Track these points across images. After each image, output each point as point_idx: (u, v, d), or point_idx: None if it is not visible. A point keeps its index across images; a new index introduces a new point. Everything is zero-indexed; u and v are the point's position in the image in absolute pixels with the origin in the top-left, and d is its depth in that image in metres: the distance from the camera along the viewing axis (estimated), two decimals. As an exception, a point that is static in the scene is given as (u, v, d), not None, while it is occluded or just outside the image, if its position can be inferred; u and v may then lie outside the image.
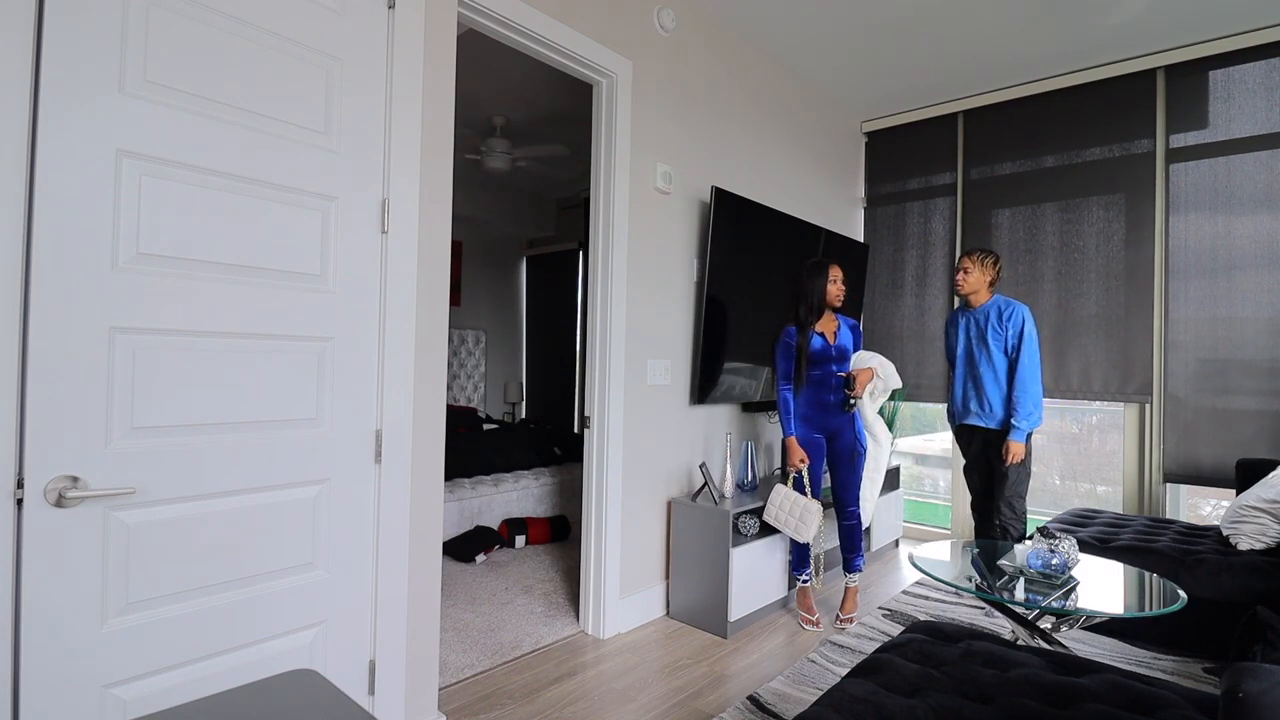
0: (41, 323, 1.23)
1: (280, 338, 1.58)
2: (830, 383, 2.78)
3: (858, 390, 2.75)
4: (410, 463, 1.86)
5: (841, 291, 2.79)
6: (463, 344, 6.02)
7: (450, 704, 2.14)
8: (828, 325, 2.82)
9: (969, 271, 2.96)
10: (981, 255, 2.97)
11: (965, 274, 2.97)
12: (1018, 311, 2.88)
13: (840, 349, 2.80)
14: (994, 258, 2.97)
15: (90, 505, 1.29)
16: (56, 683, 1.25)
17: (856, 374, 2.77)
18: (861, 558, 2.89)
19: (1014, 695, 1.37)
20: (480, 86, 3.89)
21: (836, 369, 2.78)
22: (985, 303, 2.97)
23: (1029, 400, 2.81)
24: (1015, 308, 2.89)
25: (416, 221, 1.87)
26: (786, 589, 3.04)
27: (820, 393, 2.79)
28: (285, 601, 1.58)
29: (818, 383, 2.79)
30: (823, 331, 2.79)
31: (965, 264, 2.98)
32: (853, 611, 2.81)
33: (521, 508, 4.23)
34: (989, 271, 2.96)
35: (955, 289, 3.06)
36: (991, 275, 2.96)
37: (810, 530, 2.66)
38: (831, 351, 2.78)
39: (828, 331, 2.81)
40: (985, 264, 2.95)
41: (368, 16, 1.75)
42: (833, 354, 2.78)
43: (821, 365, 2.77)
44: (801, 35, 3.39)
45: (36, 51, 1.22)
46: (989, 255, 2.97)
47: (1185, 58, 3.37)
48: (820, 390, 2.79)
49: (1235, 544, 2.59)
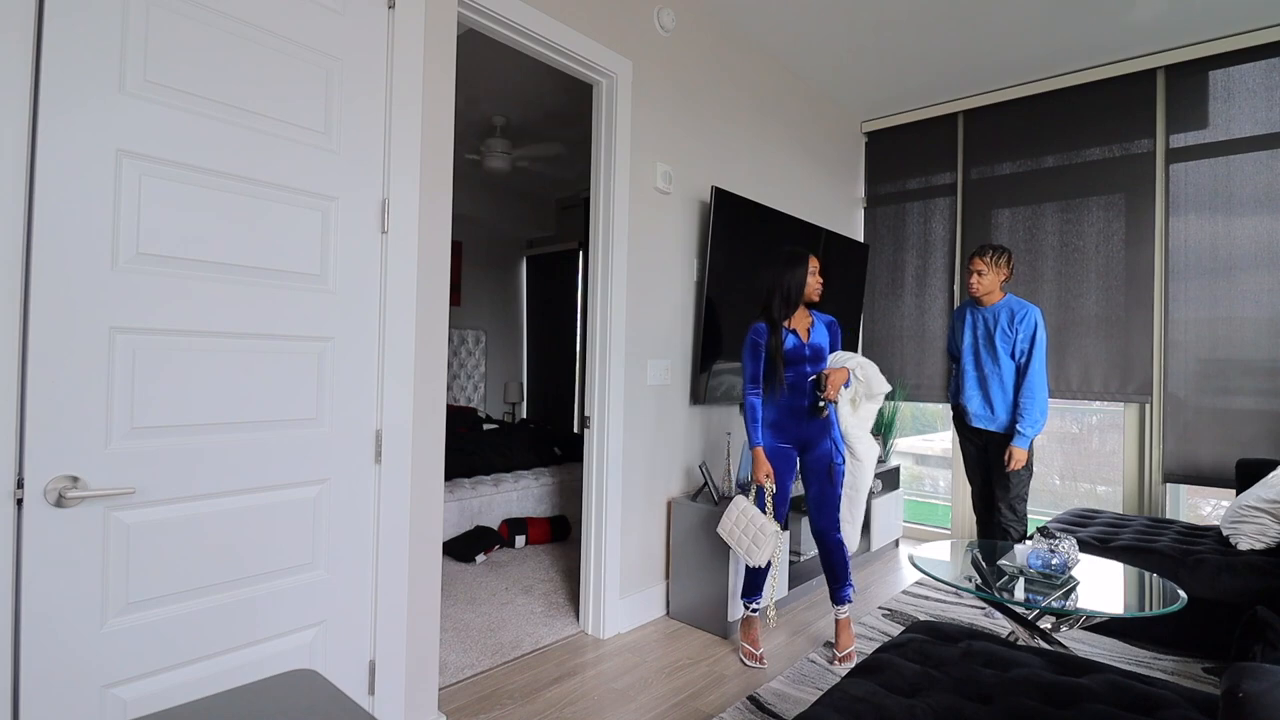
0: (42, 323, 1.23)
1: (280, 338, 1.58)
2: (804, 386, 2.50)
3: (829, 393, 2.47)
4: (410, 463, 1.86)
5: (820, 285, 2.54)
6: (463, 344, 6.02)
7: (450, 704, 2.14)
8: (801, 322, 2.53)
9: (983, 274, 2.83)
10: (995, 255, 2.84)
11: (979, 277, 2.84)
12: (1030, 315, 2.77)
13: (815, 348, 2.52)
14: (1007, 255, 2.85)
15: (90, 505, 1.29)
16: (56, 683, 1.25)
17: (828, 374, 2.49)
18: (850, 587, 2.53)
19: (1014, 695, 1.37)
20: (480, 86, 3.89)
21: (811, 370, 2.50)
22: (997, 302, 2.86)
23: (1036, 407, 2.74)
24: (1028, 311, 2.78)
25: (416, 221, 1.87)
26: (787, 589, 3.04)
27: (793, 398, 2.49)
28: (285, 601, 1.58)
29: (791, 386, 2.49)
30: (796, 329, 2.51)
31: (978, 265, 2.84)
32: (849, 646, 2.49)
33: (521, 508, 4.23)
34: (1003, 270, 2.84)
35: (968, 291, 2.92)
36: (1005, 274, 2.85)
37: (763, 554, 2.36)
38: (805, 351, 2.49)
39: (801, 329, 2.52)
40: (999, 264, 2.83)
41: (368, 16, 1.75)
42: (806, 354, 2.49)
43: (794, 367, 2.48)
44: (801, 35, 3.39)
45: (36, 51, 1.22)
46: (1002, 254, 2.84)
47: (1185, 58, 3.37)
48: (793, 395, 2.49)
49: (1235, 544, 2.59)
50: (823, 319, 2.62)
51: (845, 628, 2.53)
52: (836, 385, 2.49)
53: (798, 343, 2.49)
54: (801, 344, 2.50)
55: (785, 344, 2.46)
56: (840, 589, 2.53)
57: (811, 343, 2.52)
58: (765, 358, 2.46)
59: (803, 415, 2.51)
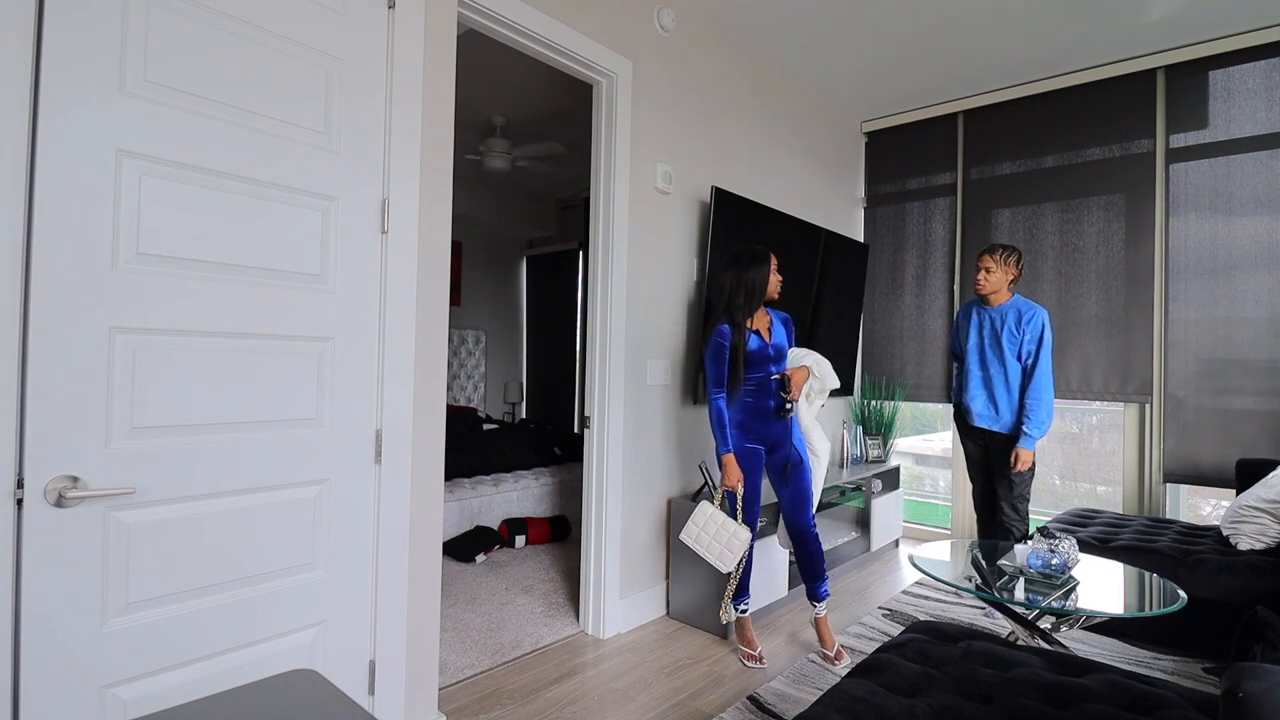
0: (42, 323, 1.23)
1: (280, 338, 1.58)
2: (769, 386, 2.48)
3: (794, 393, 2.48)
4: (410, 463, 1.86)
5: (780, 283, 2.52)
6: (463, 344, 6.02)
7: (450, 704, 2.14)
8: (761, 321, 2.51)
9: (991, 271, 2.82)
10: (1004, 253, 2.81)
11: (987, 274, 2.82)
12: (1038, 316, 2.76)
13: (777, 347, 2.50)
14: (1016, 255, 2.83)
15: (90, 505, 1.29)
16: (56, 683, 1.25)
17: (791, 374, 2.50)
18: (826, 581, 2.55)
19: (1014, 695, 1.37)
20: (480, 86, 3.89)
21: (775, 370, 2.49)
22: (1004, 302, 2.85)
23: (1042, 409, 2.73)
24: (1036, 312, 2.77)
25: (416, 221, 1.87)
26: (787, 589, 3.04)
27: (759, 398, 2.48)
28: (285, 601, 1.58)
29: (756, 387, 2.47)
30: (758, 329, 2.48)
31: (987, 263, 2.82)
32: (835, 644, 2.50)
33: (521, 508, 4.23)
34: (1011, 270, 2.82)
35: (974, 288, 2.90)
36: (1014, 273, 2.83)
37: (735, 560, 2.37)
38: (769, 351, 2.47)
39: (762, 328, 2.50)
40: (1008, 262, 2.82)
41: (368, 16, 1.75)
42: (770, 353, 2.47)
43: (760, 367, 2.46)
44: (801, 35, 3.39)
45: (37, 51, 1.22)
46: (1012, 253, 2.82)
47: (1185, 58, 3.37)
48: (759, 395, 2.48)
49: (1235, 544, 2.59)
50: (779, 316, 2.60)
51: (827, 626, 2.54)
52: (799, 385, 2.51)
53: (761, 343, 2.46)
54: (765, 344, 2.47)
55: (749, 345, 2.43)
56: (819, 585, 2.54)
57: (774, 342, 2.51)
58: (729, 360, 2.42)
59: (769, 415, 2.49)
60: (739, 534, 2.38)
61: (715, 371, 2.43)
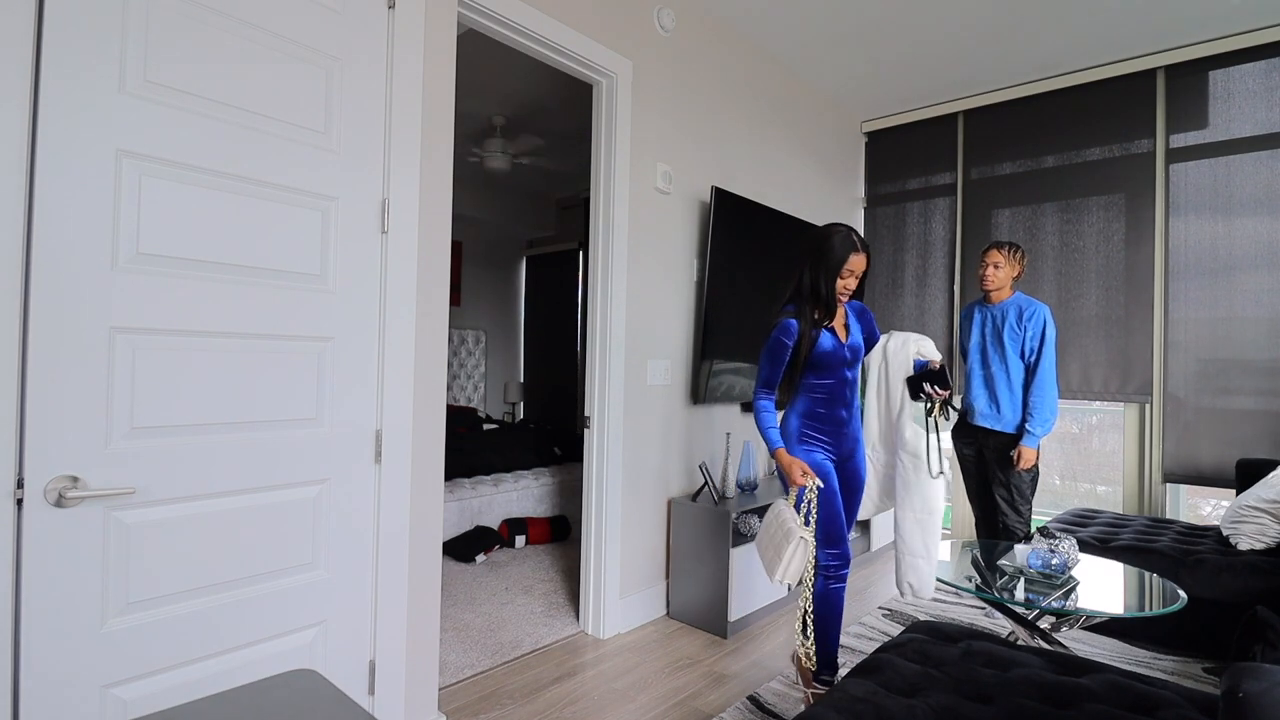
0: (42, 323, 1.23)
1: (280, 338, 1.58)
2: (844, 394, 2.12)
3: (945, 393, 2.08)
4: (410, 463, 1.86)
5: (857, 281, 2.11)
6: (463, 344, 6.02)
7: (450, 704, 2.14)
8: (837, 317, 2.14)
9: (998, 266, 2.81)
10: (1011, 249, 2.82)
11: (995, 269, 2.81)
12: (1039, 313, 2.76)
13: (854, 348, 2.13)
14: (1021, 252, 2.84)
15: (90, 505, 1.29)
16: (56, 683, 1.25)
17: (938, 364, 2.11)
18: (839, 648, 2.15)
19: (1014, 695, 1.37)
20: (480, 86, 3.89)
21: (850, 375, 2.13)
22: (1006, 300, 2.85)
23: (1046, 406, 2.72)
24: (1037, 308, 2.77)
25: (416, 221, 1.87)
26: (787, 590, 3.04)
27: (832, 407, 2.10)
28: (285, 601, 1.58)
29: (828, 395, 2.10)
30: (834, 325, 2.10)
31: (995, 258, 2.82)
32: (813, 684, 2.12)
33: (521, 508, 4.23)
34: (1016, 266, 2.83)
35: (980, 284, 2.90)
36: (1019, 270, 2.85)
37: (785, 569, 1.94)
38: (845, 353, 2.09)
39: (838, 325, 2.12)
40: (1014, 259, 2.83)
41: (368, 16, 1.75)
42: (846, 356, 2.10)
43: (833, 371, 2.08)
44: (801, 35, 3.39)
45: (37, 51, 1.22)
46: (1017, 249, 2.83)
47: (1185, 58, 3.37)
48: (832, 405, 2.10)
49: (1235, 544, 2.59)
50: (853, 308, 2.22)
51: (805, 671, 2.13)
52: None
53: (836, 343, 2.08)
54: (840, 344, 2.09)
55: (821, 344, 2.06)
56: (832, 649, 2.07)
57: (850, 342, 2.13)
58: (790, 361, 2.06)
59: (842, 426, 2.14)
60: (793, 533, 1.93)
61: (766, 371, 2.07)
